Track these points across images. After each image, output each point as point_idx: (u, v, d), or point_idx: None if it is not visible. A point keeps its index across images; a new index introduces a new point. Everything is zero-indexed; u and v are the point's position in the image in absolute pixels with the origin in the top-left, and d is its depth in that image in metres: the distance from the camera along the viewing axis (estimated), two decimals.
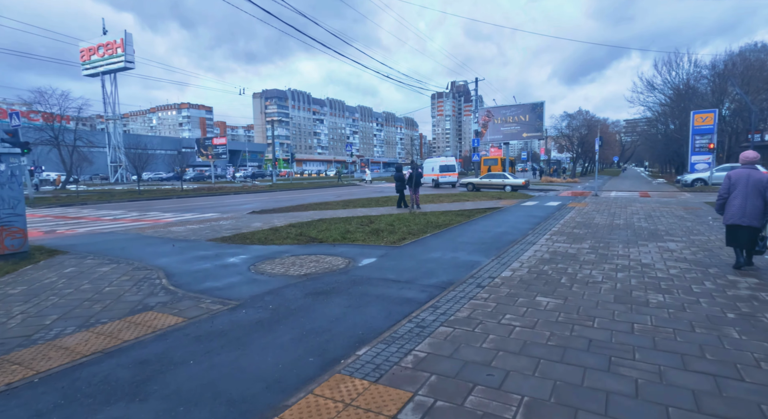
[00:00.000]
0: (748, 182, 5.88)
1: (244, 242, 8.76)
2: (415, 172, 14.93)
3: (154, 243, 8.69)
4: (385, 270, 6.22)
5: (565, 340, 3.59)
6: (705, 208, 14.22)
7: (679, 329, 3.81)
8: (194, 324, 4.02)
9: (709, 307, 4.40)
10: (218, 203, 20.59)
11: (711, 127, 29.26)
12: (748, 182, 5.88)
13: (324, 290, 5.18)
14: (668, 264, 6.31)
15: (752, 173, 5.94)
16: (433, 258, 7.10)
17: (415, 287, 5.36)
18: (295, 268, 6.37)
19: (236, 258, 7.18)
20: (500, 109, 39.39)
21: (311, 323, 4.07)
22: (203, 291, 5.18)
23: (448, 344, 3.53)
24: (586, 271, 5.96)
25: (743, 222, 5.85)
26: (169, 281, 5.61)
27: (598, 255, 7.00)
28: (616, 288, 5.12)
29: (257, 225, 11.48)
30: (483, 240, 8.81)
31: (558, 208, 15.23)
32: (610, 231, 9.44)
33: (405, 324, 4.01)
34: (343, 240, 8.86)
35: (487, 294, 4.97)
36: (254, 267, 6.44)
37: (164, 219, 13.97)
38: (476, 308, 4.46)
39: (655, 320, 4.05)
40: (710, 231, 9.24)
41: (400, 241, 8.61)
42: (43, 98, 36.49)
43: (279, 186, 36.49)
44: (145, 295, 4.97)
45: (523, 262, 6.55)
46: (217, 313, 4.32)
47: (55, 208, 18.57)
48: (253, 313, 4.33)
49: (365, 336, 3.76)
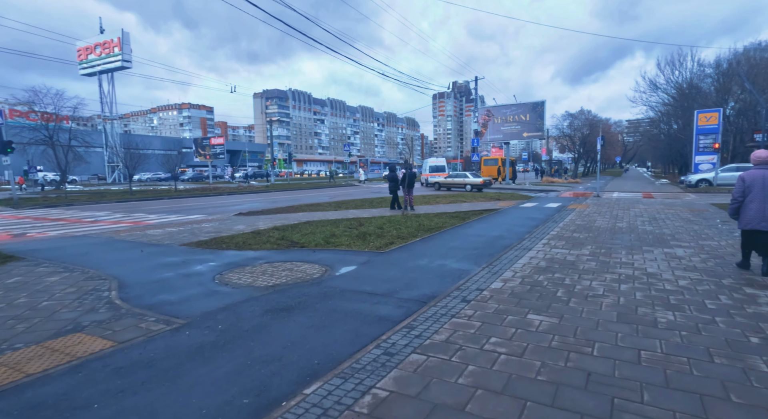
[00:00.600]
0: (765, 183, 5.49)
1: (220, 247, 8.17)
2: (408, 172, 14.30)
3: (122, 248, 8.11)
4: (362, 281, 5.63)
5: (558, 374, 2.99)
6: (712, 209, 13.57)
7: (695, 358, 3.20)
8: (122, 350, 3.42)
9: (727, 328, 3.80)
10: (209, 204, 20.02)
11: (715, 127, 28.55)
12: (764, 183, 5.50)
13: (288, 305, 4.58)
14: (677, 274, 5.70)
15: (767, 174, 5.54)
16: (418, 266, 6.50)
17: (392, 301, 4.76)
18: (264, 278, 5.77)
19: (204, 265, 6.59)
20: (500, 108, 38.73)
21: (261, 349, 3.47)
22: (152, 306, 4.59)
23: (418, 378, 2.94)
24: (586, 282, 5.35)
25: (763, 227, 5.42)
26: (118, 293, 5.02)
27: (599, 263, 6.39)
28: (619, 304, 4.52)
29: (240, 227, 10.89)
30: (476, 245, 8.21)
31: (558, 209, 14.60)
32: (612, 236, 8.82)
33: (371, 351, 3.41)
34: (326, 244, 8.27)
35: (472, 310, 4.36)
36: (219, 277, 5.85)
37: (147, 221, 13.40)
38: (457, 329, 3.86)
39: (665, 346, 3.44)
40: (720, 236, 8.61)
41: (387, 246, 8.02)
42: (37, 97, 36.08)
43: (275, 186, 35.91)
44: (83, 312, 4.38)
45: (517, 271, 5.95)
46: (155, 336, 3.72)
47: (39, 209, 18.02)
48: (197, 336, 3.73)
49: (321, 367, 3.16)
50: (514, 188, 29.62)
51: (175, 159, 29.89)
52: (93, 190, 33.30)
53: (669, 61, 39.57)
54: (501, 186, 32.73)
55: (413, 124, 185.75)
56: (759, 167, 5.65)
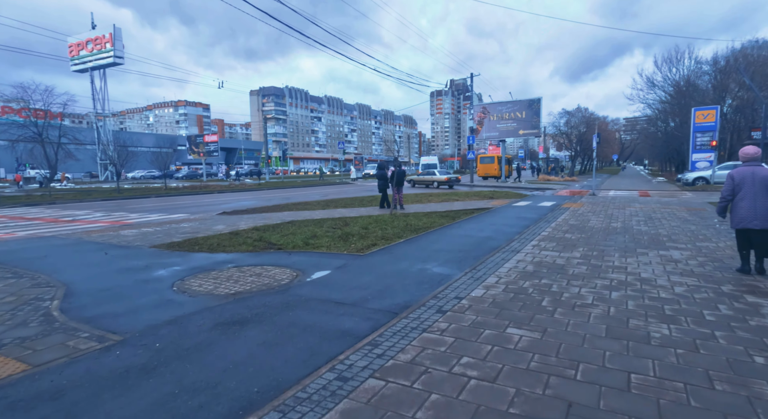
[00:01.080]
0: (755, 180, 5.25)
1: (192, 249, 7.72)
2: (397, 169, 13.85)
3: (86, 251, 7.64)
4: (333, 288, 5.19)
5: (534, 405, 2.56)
6: (709, 208, 13.19)
7: (693, 384, 2.78)
8: (32, 376, 2.97)
9: (728, 345, 3.38)
10: (196, 203, 19.53)
11: (713, 124, 28.17)
12: (754, 180, 5.25)
13: (243, 318, 4.13)
14: (672, 280, 5.29)
15: (757, 170, 5.30)
16: (397, 270, 6.06)
17: (361, 313, 4.32)
18: (227, 285, 5.33)
19: (167, 270, 6.13)
20: (496, 105, 38.29)
21: (196, 373, 3.03)
22: (92, 318, 4.13)
23: (369, 413, 2.50)
24: (574, 290, 4.93)
25: (755, 226, 5.18)
26: (60, 303, 4.57)
27: (590, 267, 5.97)
28: (608, 315, 4.09)
29: (219, 228, 10.44)
30: (462, 247, 7.78)
31: (551, 208, 14.19)
32: (605, 236, 8.41)
33: (324, 374, 2.98)
34: (305, 246, 7.82)
35: (446, 323, 3.93)
36: (179, 284, 5.40)
37: (126, 220, 12.91)
38: (427, 346, 3.43)
39: (659, 368, 3.02)
40: (718, 237, 8.21)
41: (369, 248, 7.58)
42: (26, 94, 35.39)
43: (268, 184, 35.38)
44: (11, 326, 3.92)
45: (501, 277, 5.52)
46: (79, 357, 3.27)
47: (19, 207, 17.49)
48: (128, 357, 3.28)
49: (259, 397, 2.72)
50: (509, 186, 29.21)
51: (165, 156, 29.30)
52: (80, 188, 32.70)
53: (666, 59, 39.23)
54: (497, 184, 32.34)
55: (411, 122, 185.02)
56: (748, 164, 5.45)
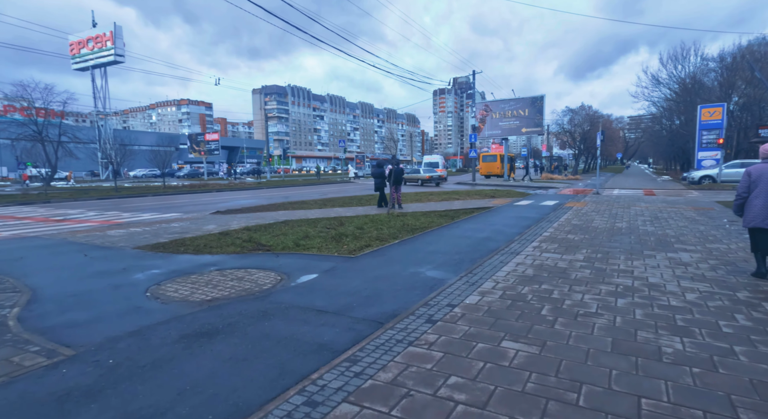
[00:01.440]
0: None
1: (177, 250, 7.39)
2: (395, 168, 13.48)
3: (66, 252, 7.32)
4: (317, 294, 4.84)
5: None
6: (717, 207, 12.76)
7: (714, 413, 2.41)
8: None
9: (750, 363, 3.00)
10: (192, 202, 19.23)
11: (719, 122, 27.63)
12: None
13: (213, 328, 3.78)
14: (683, 286, 4.91)
15: None
16: (388, 274, 5.70)
17: (343, 322, 3.97)
18: (205, 290, 4.98)
19: (145, 273, 5.80)
20: (498, 103, 37.80)
21: (147, 397, 2.68)
22: (49, 329, 3.80)
23: None
24: (577, 296, 4.56)
25: (767, 225, 4.92)
26: (21, 311, 4.24)
27: (594, 271, 5.59)
28: (614, 326, 3.72)
29: (210, 227, 10.11)
30: (459, 248, 7.41)
31: (554, 208, 13.79)
32: (610, 237, 8.02)
33: (292, 397, 2.62)
34: (295, 247, 7.48)
35: (436, 334, 3.58)
36: (155, 289, 5.06)
37: (118, 220, 12.61)
38: (412, 362, 3.07)
39: (673, 391, 2.65)
40: (729, 238, 7.81)
41: (361, 250, 7.23)
42: (26, 92, 35.20)
43: (269, 183, 35.06)
44: None
45: (498, 281, 5.15)
46: (19, 376, 2.92)
47: (11, 206, 17.24)
48: (74, 375, 2.93)
49: None
50: (511, 185, 28.80)
51: (164, 155, 29.02)
52: (78, 186, 32.48)
53: (672, 56, 38.70)
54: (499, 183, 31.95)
55: (414, 121, 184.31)
56: (766, 161, 5.14)
